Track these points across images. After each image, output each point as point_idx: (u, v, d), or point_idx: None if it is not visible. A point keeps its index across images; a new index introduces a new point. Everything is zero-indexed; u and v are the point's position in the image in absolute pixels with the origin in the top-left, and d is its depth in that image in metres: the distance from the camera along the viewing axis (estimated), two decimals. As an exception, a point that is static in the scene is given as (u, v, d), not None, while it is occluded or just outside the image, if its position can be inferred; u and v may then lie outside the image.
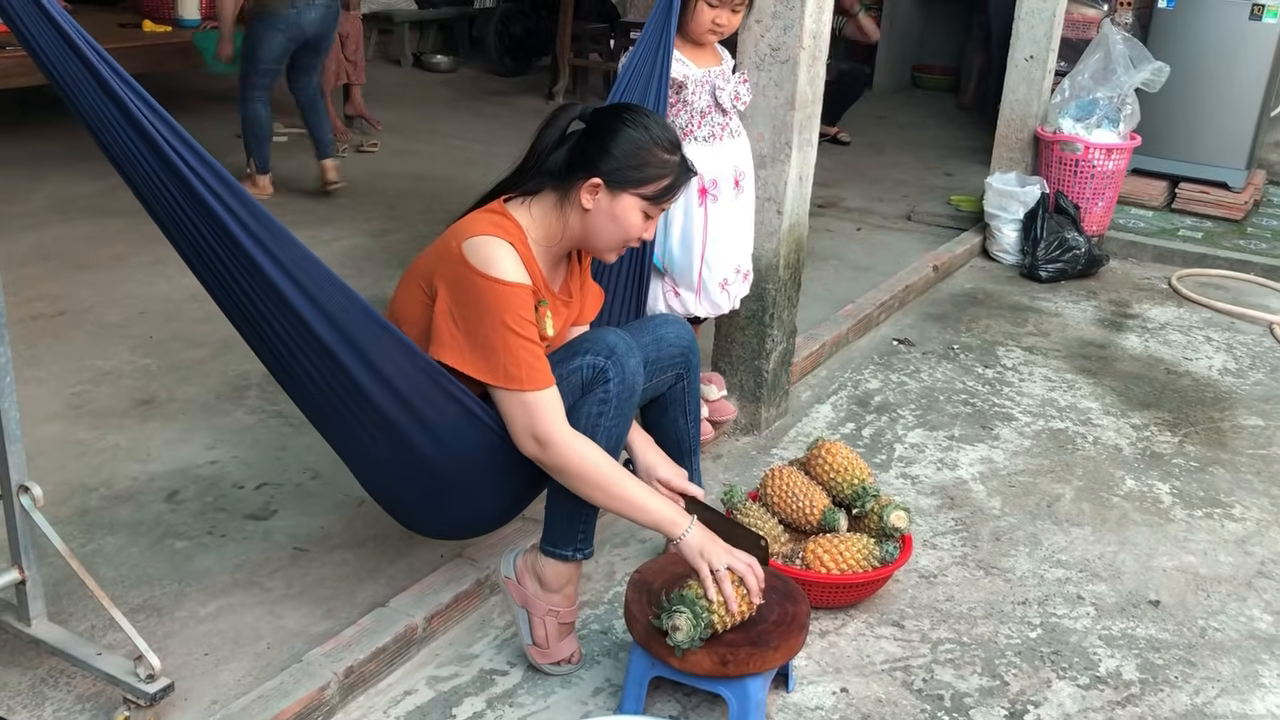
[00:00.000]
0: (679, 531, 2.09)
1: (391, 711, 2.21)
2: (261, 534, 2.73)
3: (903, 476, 3.27)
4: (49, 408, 3.29)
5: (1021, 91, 5.53)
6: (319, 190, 5.63)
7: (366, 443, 2.17)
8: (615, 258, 2.30)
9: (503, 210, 2.19)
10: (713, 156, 2.95)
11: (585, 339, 2.22)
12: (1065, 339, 4.43)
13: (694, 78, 2.89)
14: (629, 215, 2.18)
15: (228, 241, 1.91)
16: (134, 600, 2.45)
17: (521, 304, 2.07)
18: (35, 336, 3.76)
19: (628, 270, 2.76)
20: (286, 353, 2.05)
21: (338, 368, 2.02)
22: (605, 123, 2.19)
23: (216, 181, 1.87)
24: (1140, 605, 2.72)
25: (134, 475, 2.96)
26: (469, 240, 2.10)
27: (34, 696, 2.15)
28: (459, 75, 9.36)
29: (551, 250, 2.24)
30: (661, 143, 2.18)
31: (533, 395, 2.06)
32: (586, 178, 2.15)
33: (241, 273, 1.95)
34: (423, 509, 2.31)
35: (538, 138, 2.23)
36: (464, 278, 2.08)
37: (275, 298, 1.95)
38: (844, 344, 4.16)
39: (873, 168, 6.88)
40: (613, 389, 2.14)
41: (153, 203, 1.93)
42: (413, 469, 2.18)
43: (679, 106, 2.92)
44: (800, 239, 3.34)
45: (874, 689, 2.36)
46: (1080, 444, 3.53)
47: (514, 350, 2.05)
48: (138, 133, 1.82)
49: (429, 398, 2.08)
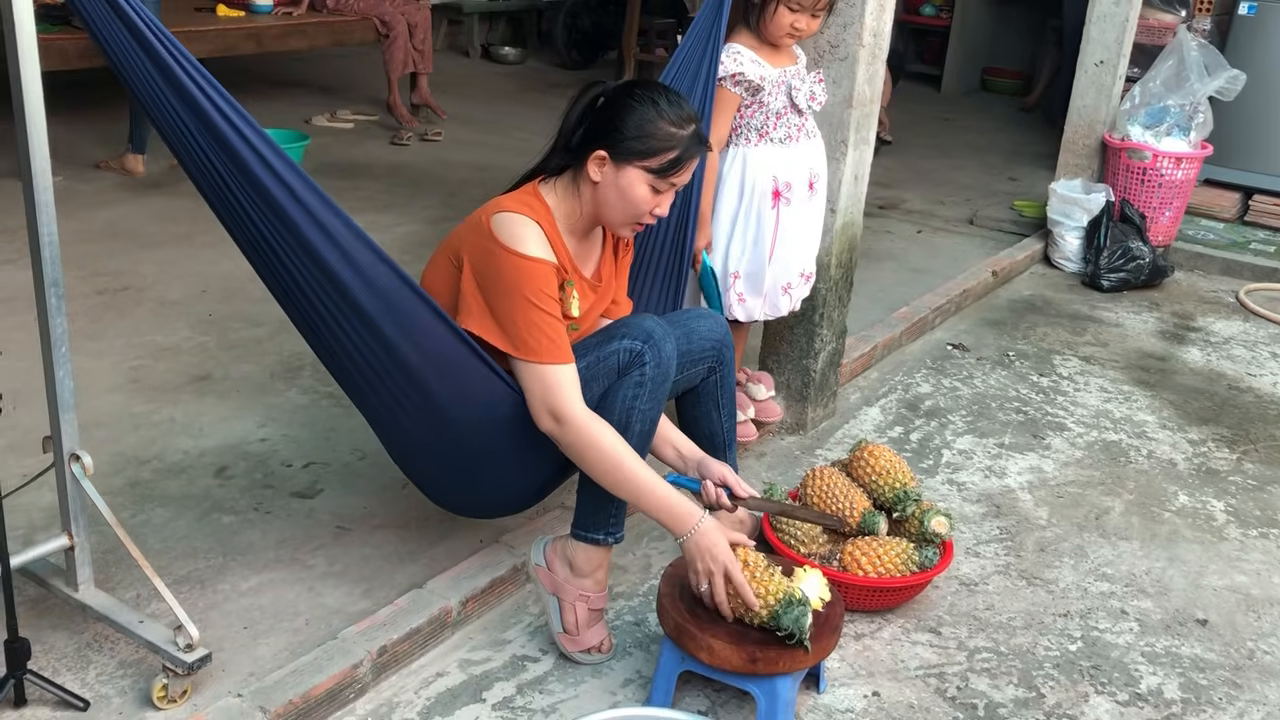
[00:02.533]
0: (686, 528, 2.10)
1: (422, 692, 2.24)
2: (306, 512, 2.77)
3: (949, 483, 3.23)
4: (108, 380, 3.37)
5: (1090, 97, 5.43)
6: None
7: (399, 415, 2.22)
8: (631, 233, 2.32)
9: (534, 191, 2.24)
10: (789, 159, 2.93)
11: (622, 324, 2.24)
12: (1124, 350, 4.34)
13: (770, 78, 2.83)
14: (635, 188, 2.20)
15: (268, 206, 1.96)
16: (179, 571, 2.50)
17: (544, 279, 2.11)
18: (99, 311, 3.85)
19: (666, 263, 2.76)
20: (320, 319, 2.11)
21: (374, 334, 2.08)
22: (616, 99, 2.23)
23: (263, 144, 1.92)
24: (1187, 624, 2.66)
25: (186, 450, 3.02)
26: (497, 215, 2.15)
27: (79, 660, 2.21)
28: (526, 67, 9.41)
29: (575, 228, 2.28)
30: (667, 116, 2.19)
31: (550, 368, 2.08)
32: (595, 150, 2.19)
33: (280, 240, 2.01)
34: (453, 484, 2.34)
35: (564, 117, 2.27)
36: (490, 251, 2.12)
37: (314, 263, 2.01)
38: (896, 347, 4.12)
39: (936, 170, 6.80)
40: (649, 372, 2.16)
41: (191, 166, 1.98)
42: (443, 441, 2.22)
43: (754, 108, 2.87)
44: (853, 238, 3.31)
45: (906, 694, 2.34)
46: (1134, 457, 3.47)
47: (534, 323, 2.08)
48: (175, 91, 1.88)
49: (460, 366, 2.13)
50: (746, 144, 2.90)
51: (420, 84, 7.02)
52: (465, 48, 9.54)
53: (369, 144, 6.54)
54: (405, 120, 6.82)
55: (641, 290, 2.73)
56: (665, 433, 2.43)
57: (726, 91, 2.81)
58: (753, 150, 2.90)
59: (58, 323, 2.05)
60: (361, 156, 6.25)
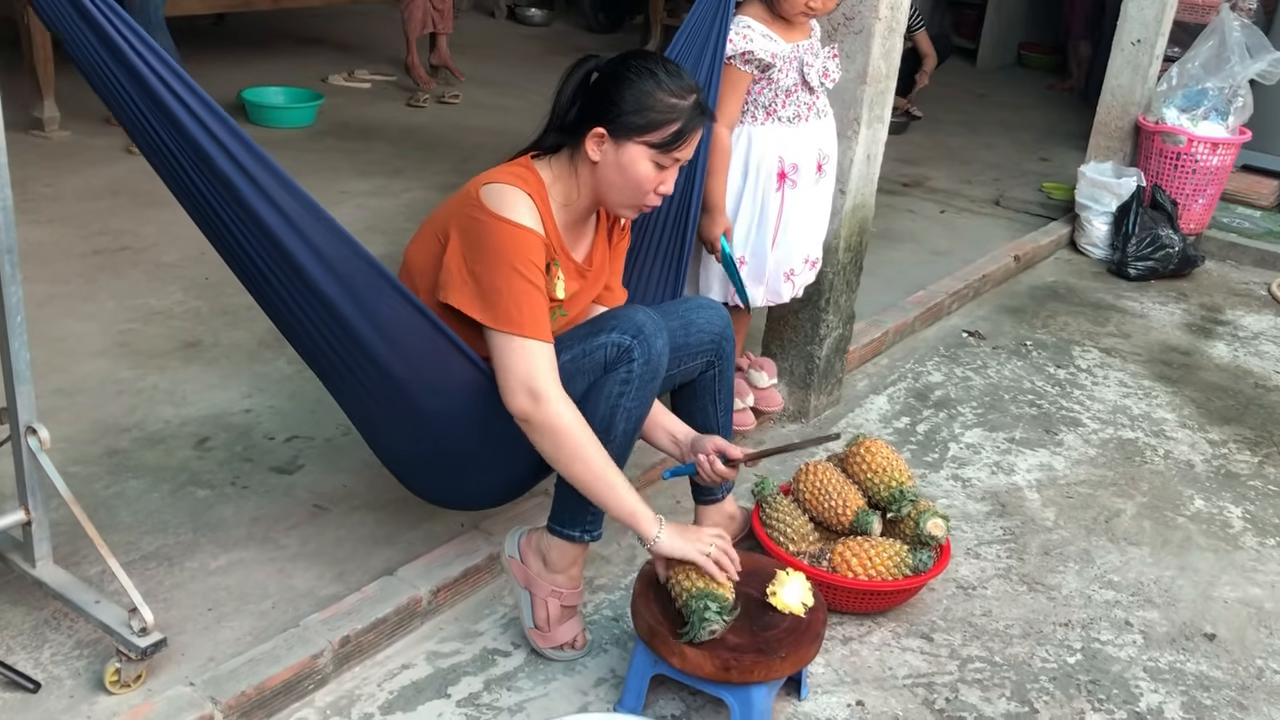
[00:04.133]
0: (651, 532, 2.01)
1: (386, 685, 2.16)
2: (284, 489, 2.69)
3: (954, 478, 3.11)
4: (96, 344, 3.30)
5: (1125, 77, 5.24)
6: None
7: (368, 402, 2.13)
8: (634, 214, 2.20)
9: (527, 165, 2.14)
10: (796, 138, 2.79)
11: (612, 315, 2.13)
12: (1147, 342, 4.19)
13: (782, 54, 2.69)
14: (636, 165, 2.08)
15: (219, 183, 1.85)
16: (147, 547, 2.43)
17: (532, 249, 2.01)
18: (95, 272, 3.78)
19: (666, 248, 2.64)
20: (282, 304, 2.01)
21: (336, 320, 1.98)
22: (612, 73, 2.11)
23: (211, 117, 1.81)
24: (1194, 638, 2.54)
25: (167, 418, 2.94)
26: (487, 186, 2.05)
27: (35, 638, 2.14)
28: (552, 30, 9.25)
29: (571, 210, 2.16)
30: (667, 87, 2.07)
31: (530, 342, 1.98)
32: (592, 128, 2.07)
33: (236, 219, 1.90)
34: (425, 475, 2.26)
35: (557, 94, 2.15)
36: (477, 220, 2.02)
37: (266, 238, 1.91)
38: (909, 333, 3.99)
39: (964, 148, 6.62)
40: (636, 369, 2.05)
41: (135, 130, 1.87)
42: (413, 431, 2.12)
43: (763, 84, 2.73)
44: (864, 221, 3.18)
45: (892, 704, 2.24)
46: (1149, 457, 3.33)
47: (518, 293, 1.98)
48: (115, 57, 1.76)
49: (429, 353, 2.03)
50: (753, 121, 2.77)
51: (439, 44, 6.89)
52: (491, 8, 9.40)
53: (384, 105, 6.43)
54: (423, 81, 6.69)
55: (640, 276, 2.61)
56: (658, 418, 2.33)
57: (736, 70, 2.67)
58: (758, 129, 2.77)
59: (12, 291, 1.96)
60: (376, 117, 6.14)
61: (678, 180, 2.50)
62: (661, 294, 2.67)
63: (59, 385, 3.05)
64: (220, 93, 6.07)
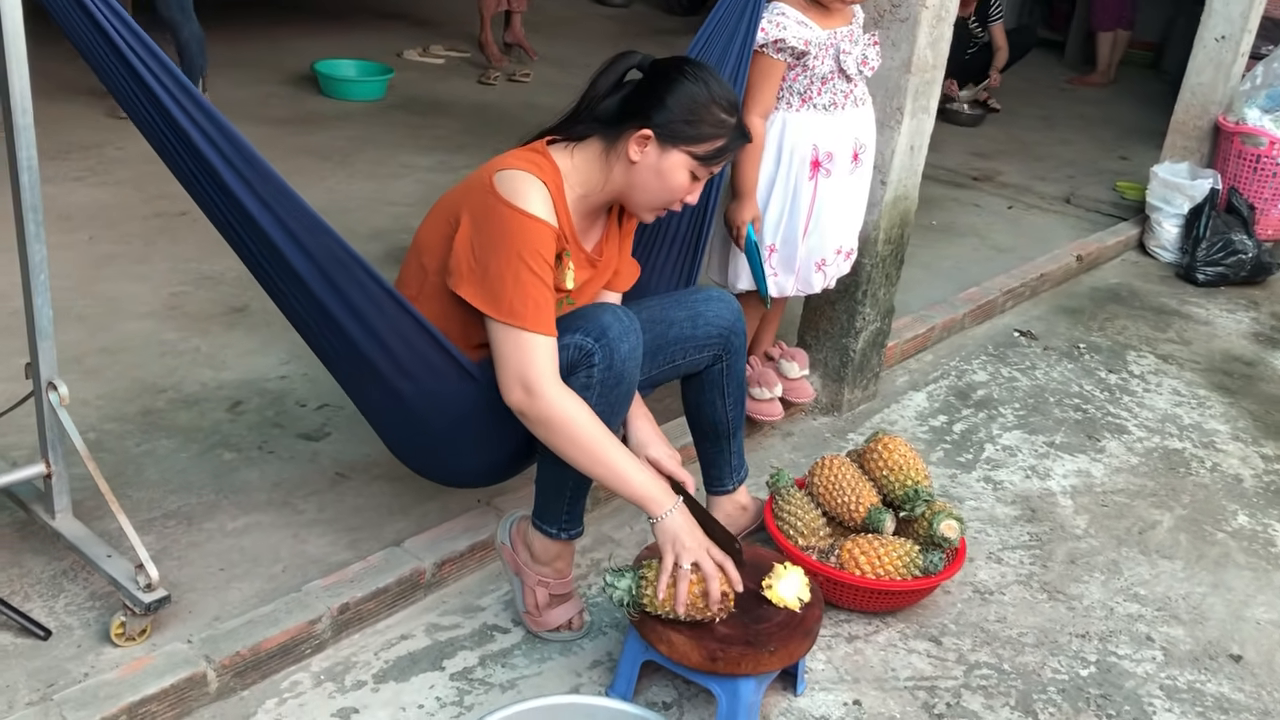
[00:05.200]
0: (659, 511, 1.96)
1: (383, 654, 2.18)
2: (309, 455, 2.74)
3: (985, 480, 3.04)
4: (146, 305, 3.39)
5: (1207, 74, 5.05)
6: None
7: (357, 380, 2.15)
8: (653, 218, 2.17)
9: (543, 150, 2.09)
10: (832, 127, 2.73)
11: (581, 314, 2.07)
12: (1208, 350, 4.05)
13: (817, 41, 2.63)
14: (676, 173, 2.05)
15: (199, 160, 1.87)
16: (169, 505, 2.49)
17: (541, 241, 1.97)
18: (154, 234, 3.88)
19: (684, 236, 2.61)
20: (264, 274, 2.04)
21: (311, 299, 1.99)
22: (664, 74, 2.07)
23: (189, 101, 1.83)
24: (1218, 658, 2.46)
25: (204, 381, 3.01)
26: (501, 172, 2.02)
27: (52, 587, 2.21)
28: (632, 11, 9.23)
29: (589, 200, 2.13)
30: (720, 101, 2.04)
31: (530, 336, 1.94)
32: (637, 128, 2.04)
33: (217, 195, 1.92)
34: (414, 452, 2.26)
35: (593, 83, 2.12)
36: (489, 206, 1.99)
37: (255, 230, 1.93)
38: (958, 329, 3.91)
39: (1040, 143, 6.45)
40: (596, 374, 2.00)
41: (124, 102, 1.89)
42: (396, 408, 2.14)
43: (798, 71, 2.68)
44: (906, 213, 3.11)
45: (889, 706, 2.20)
46: (1195, 469, 3.22)
47: (524, 285, 1.95)
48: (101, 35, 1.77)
49: (402, 336, 2.02)
50: (787, 108, 2.72)
51: (514, 22, 6.93)
52: (572, -12, 9.40)
53: (456, 81, 6.49)
54: (495, 59, 6.74)
55: (654, 264, 2.58)
56: (634, 420, 2.25)
57: (768, 58, 2.62)
58: (793, 115, 2.72)
59: (36, 249, 2.01)
60: (446, 93, 6.20)
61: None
62: (675, 283, 2.64)
63: (105, 344, 3.14)
64: (294, 64, 6.19)
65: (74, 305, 3.32)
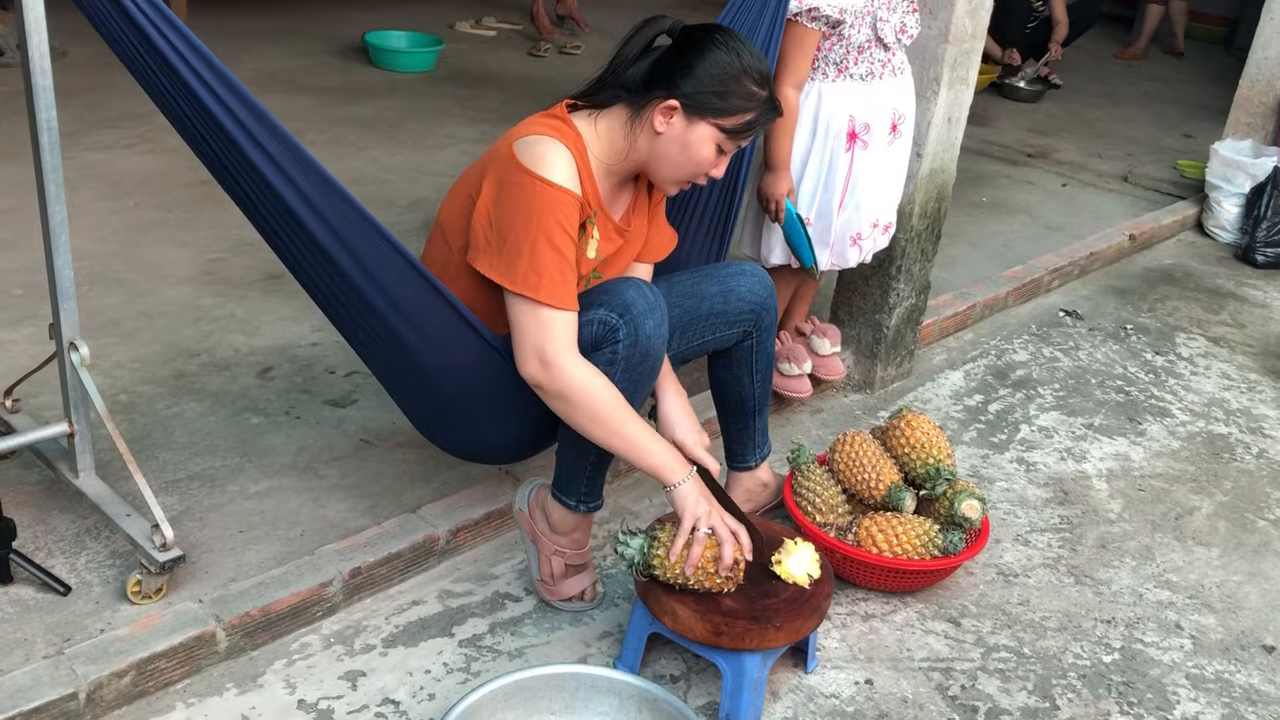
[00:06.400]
0: (674, 479, 1.93)
1: (394, 619, 2.20)
2: (335, 421, 2.75)
3: (1018, 461, 2.98)
4: (185, 271, 3.43)
5: (1274, 49, 4.87)
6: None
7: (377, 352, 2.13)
8: (676, 191, 2.12)
9: (564, 116, 2.04)
10: (870, 97, 2.67)
11: (606, 289, 2.03)
12: (1263, 334, 3.92)
13: (854, 9, 2.57)
14: (702, 146, 2.00)
15: (215, 126, 1.86)
16: (194, 467, 2.52)
17: (564, 211, 1.92)
18: (197, 202, 3.92)
19: (714, 208, 2.57)
20: (284, 248, 2.02)
21: (335, 270, 1.97)
22: (695, 42, 2.00)
23: (215, 79, 1.81)
24: (1250, 648, 2.39)
25: (237, 346, 3.05)
26: (521, 139, 1.97)
27: (75, 544, 2.25)
28: (688, -17, 9.13)
29: (614, 170, 2.08)
30: (752, 73, 1.98)
31: (547, 310, 1.91)
32: (664, 97, 1.98)
33: (236, 164, 1.91)
34: (436, 427, 2.25)
35: (620, 49, 2.06)
36: (509, 175, 1.94)
37: (273, 198, 1.91)
38: (1001, 308, 3.83)
39: (1101, 120, 6.29)
40: (621, 351, 1.97)
41: (150, 89, 1.89)
42: (415, 383, 2.12)
43: (834, 40, 2.62)
44: (943, 187, 3.05)
45: (902, 686, 2.17)
46: (1240, 454, 3.13)
47: (541, 257, 1.91)
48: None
49: (430, 317, 1.99)
50: (823, 79, 2.67)
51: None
52: (629, -40, 9.33)
53: (506, 53, 6.48)
54: (546, 31, 6.72)
55: (685, 236, 2.53)
56: (662, 385, 2.22)
57: (802, 27, 2.56)
58: (829, 86, 2.67)
59: (56, 210, 2.04)
60: (496, 65, 6.19)
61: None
62: (706, 256, 2.60)
63: (144, 308, 3.18)
64: (347, 34, 6.23)
65: (114, 270, 3.37)
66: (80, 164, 4.09)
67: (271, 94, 5.10)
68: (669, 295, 2.24)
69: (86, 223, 3.62)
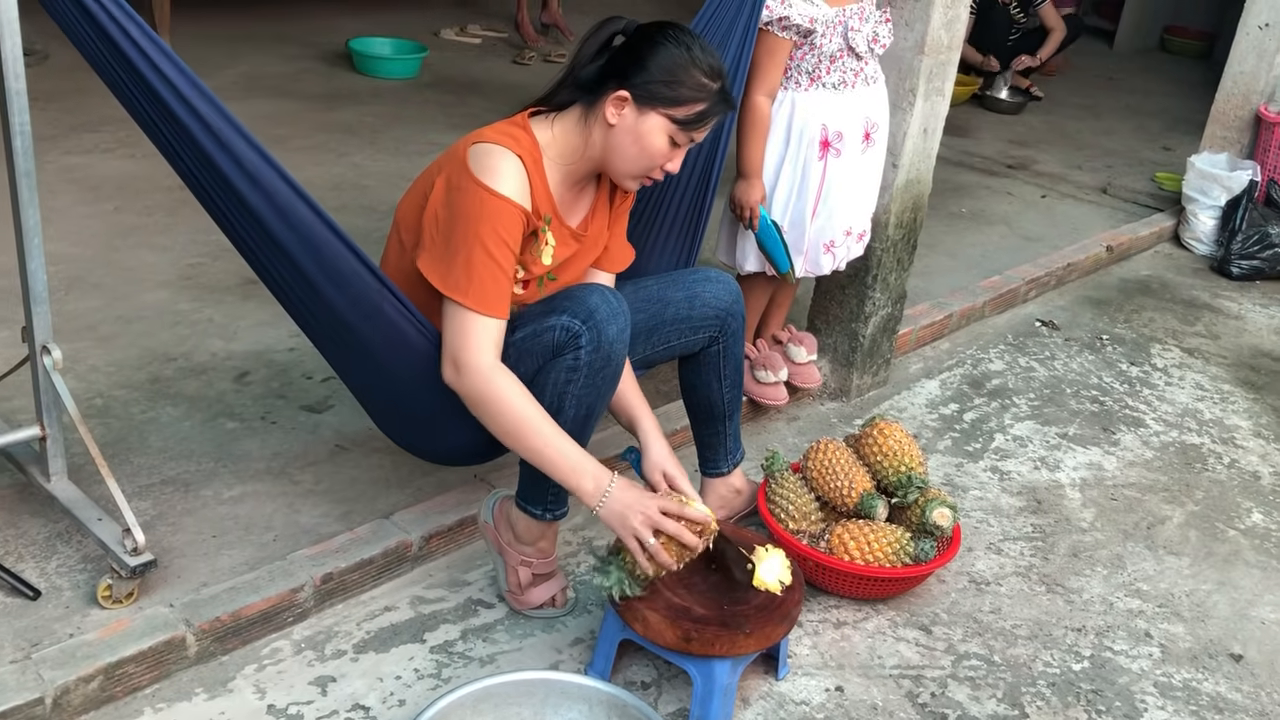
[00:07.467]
0: (593, 502, 1.91)
1: (365, 625, 2.20)
2: (311, 427, 2.75)
3: (992, 470, 3.00)
4: (163, 275, 3.43)
5: (1249, 63, 4.92)
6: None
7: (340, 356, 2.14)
8: (635, 186, 2.13)
9: (523, 123, 2.06)
10: (842, 106, 2.70)
11: (568, 295, 2.03)
12: (1236, 345, 3.96)
13: (824, 19, 2.59)
14: (653, 137, 2.01)
15: (179, 126, 1.86)
16: (168, 472, 2.51)
17: (504, 222, 1.94)
18: (177, 205, 3.91)
19: (684, 217, 2.57)
20: (249, 252, 2.03)
21: (298, 271, 1.97)
22: (647, 37, 2.03)
23: (180, 79, 1.82)
24: (1218, 656, 2.41)
25: (214, 351, 3.04)
26: (475, 145, 1.99)
27: (46, 549, 2.24)
28: (673, -8, 9.17)
29: (570, 169, 2.09)
30: (701, 65, 2.00)
31: (471, 315, 1.92)
32: (615, 89, 2.00)
33: (197, 163, 1.91)
34: (398, 429, 2.26)
35: (578, 51, 2.09)
36: (460, 179, 1.96)
37: (236, 200, 1.91)
38: (977, 318, 3.85)
39: (1081, 132, 6.33)
40: (584, 357, 1.97)
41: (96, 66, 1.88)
42: (376, 384, 2.14)
43: (806, 49, 2.64)
44: (918, 197, 3.07)
45: (872, 693, 2.18)
46: (1212, 464, 3.15)
47: (475, 264, 1.92)
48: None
49: (388, 318, 2.00)
50: (796, 88, 2.69)
51: (550, 3, 6.91)
52: (615, -31, 9.36)
53: (491, 61, 6.49)
54: (530, 39, 6.73)
55: (653, 244, 2.55)
56: (627, 396, 2.23)
57: (773, 37, 2.58)
58: (802, 95, 2.69)
59: (30, 214, 2.04)
60: (480, 73, 6.20)
61: (700, 149, 2.44)
62: (673, 262, 2.61)
63: (121, 312, 3.18)
64: (331, 40, 6.23)
65: (93, 274, 3.37)
66: (60, 168, 4.08)
67: (255, 99, 5.10)
68: (634, 300, 2.26)
69: (65, 227, 3.62)
